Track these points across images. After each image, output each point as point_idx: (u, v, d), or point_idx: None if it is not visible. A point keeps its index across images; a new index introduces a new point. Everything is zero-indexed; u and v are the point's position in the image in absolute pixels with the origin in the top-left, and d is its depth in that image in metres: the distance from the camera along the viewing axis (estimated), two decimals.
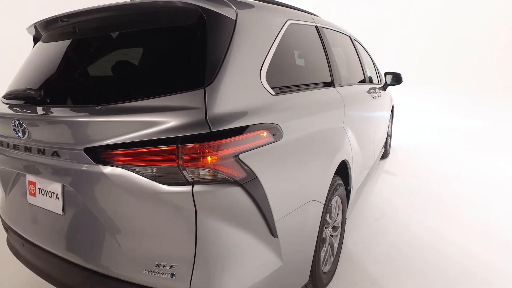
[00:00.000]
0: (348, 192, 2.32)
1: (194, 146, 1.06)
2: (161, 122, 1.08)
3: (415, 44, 11.63)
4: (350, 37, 3.05)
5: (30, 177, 1.50)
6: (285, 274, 1.43)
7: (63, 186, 1.36)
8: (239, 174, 1.13)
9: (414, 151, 5.41)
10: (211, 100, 1.12)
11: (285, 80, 1.56)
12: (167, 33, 1.33)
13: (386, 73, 3.86)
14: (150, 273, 1.20)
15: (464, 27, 10.70)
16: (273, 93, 1.39)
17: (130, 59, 1.45)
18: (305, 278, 1.66)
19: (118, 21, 1.47)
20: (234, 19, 1.31)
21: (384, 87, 3.85)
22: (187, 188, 1.10)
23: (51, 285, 1.56)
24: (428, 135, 6.61)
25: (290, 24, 1.72)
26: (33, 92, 1.48)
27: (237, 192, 1.15)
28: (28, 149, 1.42)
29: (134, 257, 1.24)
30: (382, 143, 4.12)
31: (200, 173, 1.09)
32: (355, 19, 11.76)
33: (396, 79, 3.80)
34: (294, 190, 1.46)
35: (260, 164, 1.22)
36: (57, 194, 1.39)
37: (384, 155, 4.71)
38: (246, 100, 1.25)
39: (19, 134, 1.40)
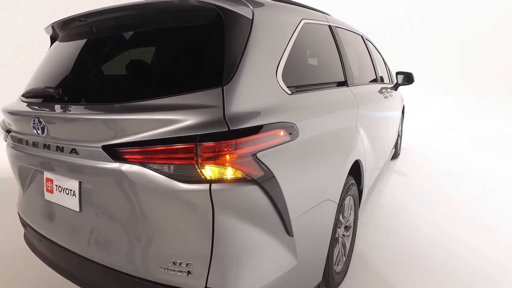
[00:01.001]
0: (360, 192, 2.31)
1: (212, 144, 1.07)
2: (179, 120, 1.09)
3: (425, 43, 11.51)
4: (362, 36, 3.03)
5: (47, 174, 1.52)
6: (299, 273, 1.43)
7: (80, 183, 1.38)
8: (257, 172, 1.14)
9: (425, 151, 5.36)
10: (229, 98, 1.13)
11: (300, 79, 1.56)
12: (185, 32, 1.34)
13: (398, 73, 3.83)
14: (166, 271, 1.21)
15: (476, 26, 10.56)
16: (289, 92, 1.40)
17: (148, 58, 1.46)
18: (318, 277, 1.66)
19: (136, 20, 1.48)
20: (251, 18, 1.32)
21: (396, 87, 3.82)
22: (205, 186, 1.10)
23: (68, 281, 1.58)
24: (439, 136, 6.55)
25: (305, 23, 1.72)
26: (51, 90, 1.50)
27: (254, 191, 1.16)
28: (46, 147, 1.45)
29: (150, 255, 1.24)
30: (393, 144, 4.09)
31: (218, 172, 1.09)
32: (364, 18, 11.68)
33: (408, 78, 3.77)
34: (310, 189, 1.46)
35: (277, 163, 1.22)
36: (74, 191, 1.41)
37: (395, 156, 4.68)
38: (263, 99, 1.25)
39: (38, 131, 1.42)
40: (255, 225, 1.21)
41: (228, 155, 1.08)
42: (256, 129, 1.14)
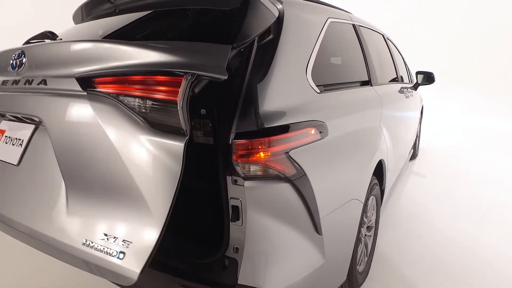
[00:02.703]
0: (382, 192, 2.29)
1: (247, 142, 1.08)
2: None
3: (440, 42, 11.32)
4: (383, 35, 3.01)
5: (1, 126, 1.41)
6: (326, 272, 1.44)
7: (34, 130, 1.25)
8: (290, 170, 1.15)
9: (442, 152, 5.27)
10: (263, 96, 1.14)
11: (327, 78, 1.57)
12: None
13: (418, 72, 3.77)
14: (91, 246, 0.96)
15: (494, 25, 10.33)
16: (318, 91, 1.40)
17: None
18: (343, 277, 1.66)
19: (167, 22, 1.50)
20: (282, 16, 1.33)
21: (415, 87, 3.77)
22: (181, 143, 0.95)
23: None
24: (456, 136, 6.43)
25: (331, 22, 1.72)
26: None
27: (286, 189, 1.17)
28: (15, 82, 1.29)
29: (79, 223, 1.03)
30: (412, 144, 4.04)
31: (252, 169, 1.11)
32: (375, 16, 11.55)
33: (428, 78, 3.71)
34: (338, 188, 1.46)
35: (308, 161, 1.23)
36: (22, 140, 1.27)
37: (413, 156, 4.62)
38: (294, 97, 1.26)
39: (15, 67, 1.26)
40: (286, 223, 1.22)
41: (262, 153, 1.09)
42: (289, 127, 1.15)
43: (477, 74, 10.33)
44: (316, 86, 1.40)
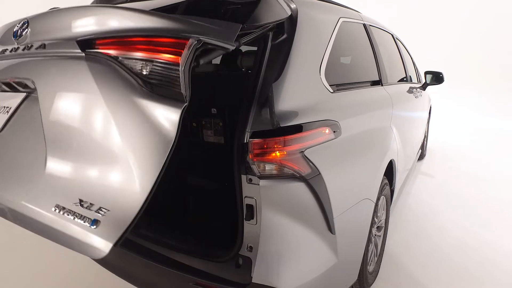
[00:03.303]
0: (391, 192, 2.29)
1: (263, 141, 1.09)
2: None
3: (446, 41, 11.25)
4: (392, 34, 3.00)
5: None
6: (338, 271, 1.44)
7: (25, 98, 1.19)
8: (305, 169, 1.15)
9: (450, 152, 5.24)
10: (278, 95, 1.14)
11: (340, 77, 1.57)
12: None
13: (426, 72, 3.75)
14: (62, 212, 0.86)
15: (504, 24, 10.24)
16: (331, 90, 1.40)
17: None
18: (354, 277, 1.66)
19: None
20: (296, 16, 1.33)
21: (424, 87, 3.76)
22: (177, 111, 0.90)
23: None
24: (463, 136, 6.38)
25: (343, 21, 1.72)
26: None
27: (301, 188, 1.17)
28: (14, 50, 1.25)
29: (53, 187, 0.94)
30: (420, 144, 4.02)
31: (267, 168, 1.11)
32: (387, 15, 11.50)
33: (437, 78, 3.68)
34: (351, 188, 1.46)
35: (322, 160, 1.23)
36: (10, 108, 1.20)
37: (421, 157, 4.60)
38: (308, 97, 1.26)
39: (17, 36, 1.25)
40: (300, 222, 1.22)
41: (278, 152, 1.09)
42: (305, 126, 1.16)
43: (485, 73, 10.25)
44: (329, 85, 1.40)
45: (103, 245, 0.78)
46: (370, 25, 2.22)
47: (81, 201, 0.85)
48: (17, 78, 1.20)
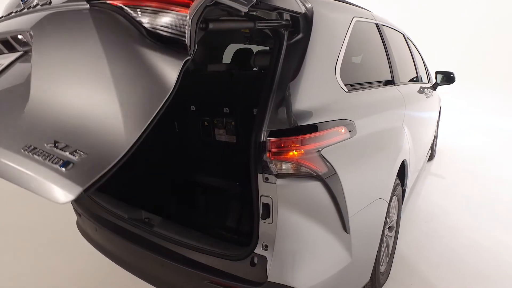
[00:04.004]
0: (403, 192, 2.28)
1: (281, 140, 1.09)
2: None
3: (456, 40, 11.14)
4: (403, 34, 2.98)
5: None
6: (352, 271, 1.44)
7: (19, 56, 1.09)
8: (322, 169, 1.15)
9: (459, 153, 5.19)
10: (295, 95, 1.15)
11: (354, 77, 1.57)
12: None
13: (437, 72, 3.72)
14: (31, 152, 0.74)
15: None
16: (346, 90, 1.40)
17: None
18: (367, 276, 1.66)
19: None
20: (311, 15, 1.33)
21: (434, 87, 3.73)
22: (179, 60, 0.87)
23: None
24: (473, 137, 6.31)
25: (356, 21, 1.72)
26: None
27: (317, 187, 1.17)
28: (19, 10, 1.22)
29: (25, 129, 0.83)
30: (430, 145, 4.00)
31: (285, 167, 1.12)
32: (397, 14, 11.43)
33: (448, 78, 3.65)
34: (366, 187, 1.46)
35: (338, 160, 1.23)
36: (1, 65, 1.09)
37: (430, 157, 4.56)
38: (324, 96, 1.27)
39: None
40: (315, 221, 1.22)
41: (295, 151, 1.10)
42: (321, 126, 1.16)
43: (497, 73, 10.13)
44: (344, 85, 1.40)
45: (71, 189, 0.68)
46: (382, 25, 2.22)
47: (56, 142, 0.76)
48: (16, 32, 1.12)
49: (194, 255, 1.37)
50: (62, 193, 0.69)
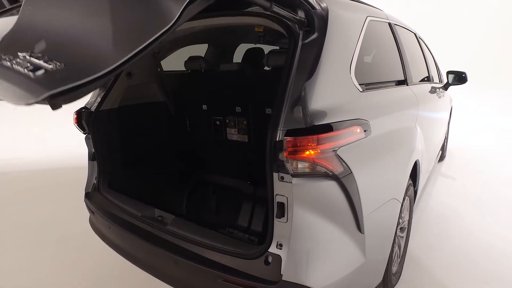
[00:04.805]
0: (415, 193, 2.26)
1: (297, 139, 1.10)
2: None
3: (467, 39, 11.01)
4: (415, 34, 2.96)
5: None
6: (365, 271, 1.43)
7: None
8: (338, 168, 1.15)
9: (470, 154, 5.12)
10: (310, 94, 1.15)
11: (368, 77, 1.56)
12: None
13: (449, 72, 3.68)
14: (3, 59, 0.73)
15: None
16: (361, 89, 1.40)
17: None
18: (379, 277, 1.65)
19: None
20: (326, 14, 1.33)
21: (446, 87, 3.69)
22: None
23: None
24: (484, 137, 6.23)
25: (370, 20, 1.71)
26: None
27: (333, 186, 1.17)
28: None
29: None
30: (440, 145, 3.96)
31: (301, 166, 1.12)
32: (409, 13, 11.34)
33: (459, 78, 3.61)
34: (380, 187, 1.46)
35: (353, 159, 1.23)
36: None
37: (441, 158, 4.52)
38: (340, 96, 1.26)
39: None
40: (330, 221, 1.22)
41: (312, 150, 1.10)
42: (337, 125, 1.16)
43: (506, 73, 9.98)
44: (359, 84, 1.40)
45: (35, 92, 0.63)
46: (394, 24, 2.20)
47: (32, 52, 0.72)
48: None
49: (208, 254, 1.38)
50: (24, 94, 0.63)
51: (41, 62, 0.69)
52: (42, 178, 4.11)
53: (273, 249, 1.23)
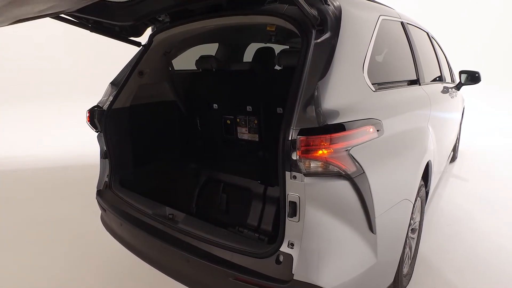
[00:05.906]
0: (426, 193, 2.24)
1: (310, 138, 1.09)
2: None
3: (482, 41, 10.83)
4: (427, 33, 2.92)
5: None
6: (376, 272, 1.42)
7: None
8: (350, 168, 1.15)
9: (482, 155, 5.04)
10: (323, 93, 1.14)
11: (381, 76, 1.55)
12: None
13: (461, 72, 3.63)
14: None
15: None
16: (373, 89, 1.39)
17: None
18: (390, 278, 1.63)
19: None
20: (339, 13, 1.33)
21: (458, 87, 3.64)
22: None
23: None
24: (496, 138, 6.13)
25: (382, 19, 1.70)
26: None
27: (345, 186, 1.17)
28: None
29: None
30: (452, 146, 3.90)
31: (314, 165, 1.12)
32: (420, 12, 11.21)
33: (472, 78, 3.55)
34: (392, 188, 1.45)
35: (366, 159, 1.22)
36: None
37: (452, 159, 4.46)
38: (353, 95, 1.26)
39: None
40: (342, 220, 1.22)
41: (325, 150, 1.10)
42: (350, 125, 1.15)
43: None
44: (372, 84, 1.39)
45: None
46: (407, 23, 2.18)
47: None
48: None
49: (219, 252, 1.39)
50: None
51: None
52: (54, 176, 4.18)
53: (284, 248, 1.23)
